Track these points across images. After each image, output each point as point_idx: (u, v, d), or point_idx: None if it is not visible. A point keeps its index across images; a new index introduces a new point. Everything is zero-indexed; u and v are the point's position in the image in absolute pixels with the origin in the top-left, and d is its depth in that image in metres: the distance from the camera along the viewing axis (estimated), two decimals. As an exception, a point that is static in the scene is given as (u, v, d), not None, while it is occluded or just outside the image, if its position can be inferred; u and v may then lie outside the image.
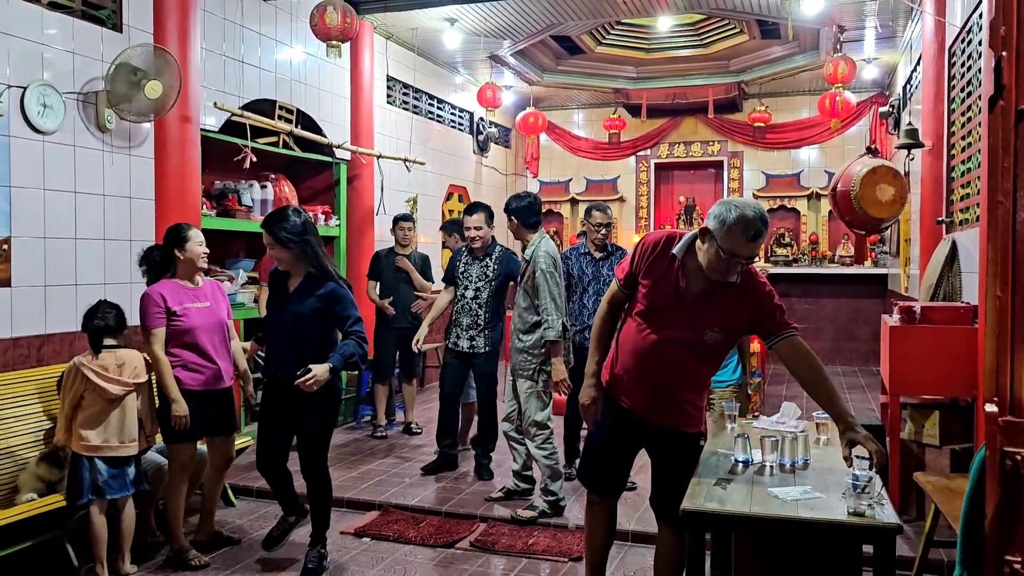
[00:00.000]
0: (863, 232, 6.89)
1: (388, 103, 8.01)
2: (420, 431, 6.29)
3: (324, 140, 6.76)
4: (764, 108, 10.22)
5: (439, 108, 9.21)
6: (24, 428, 3.95)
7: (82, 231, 4.62)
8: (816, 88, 9.99)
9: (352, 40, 6.21)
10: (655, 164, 11.25)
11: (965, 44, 5.00)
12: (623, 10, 7.47)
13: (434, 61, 8.91)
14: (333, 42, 5.78)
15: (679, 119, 10.99)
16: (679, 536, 2.90)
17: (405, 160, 7.83)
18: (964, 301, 4.54)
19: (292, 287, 3.72)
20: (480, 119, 10.06)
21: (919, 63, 6.59)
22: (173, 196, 5.10)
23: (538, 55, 9.50)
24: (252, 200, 6.06)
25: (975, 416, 4.13)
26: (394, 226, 6.31)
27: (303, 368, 3.48)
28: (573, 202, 11.40)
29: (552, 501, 4.45)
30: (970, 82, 4.85)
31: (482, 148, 10.25)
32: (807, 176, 10.55)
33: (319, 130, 6.78)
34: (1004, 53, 1.40)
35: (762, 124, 10.28)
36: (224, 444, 4.06)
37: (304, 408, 3.66)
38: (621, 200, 11.14)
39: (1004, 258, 1.42)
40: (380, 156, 7.43)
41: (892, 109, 8.42)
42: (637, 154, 11.25)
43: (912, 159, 6.40)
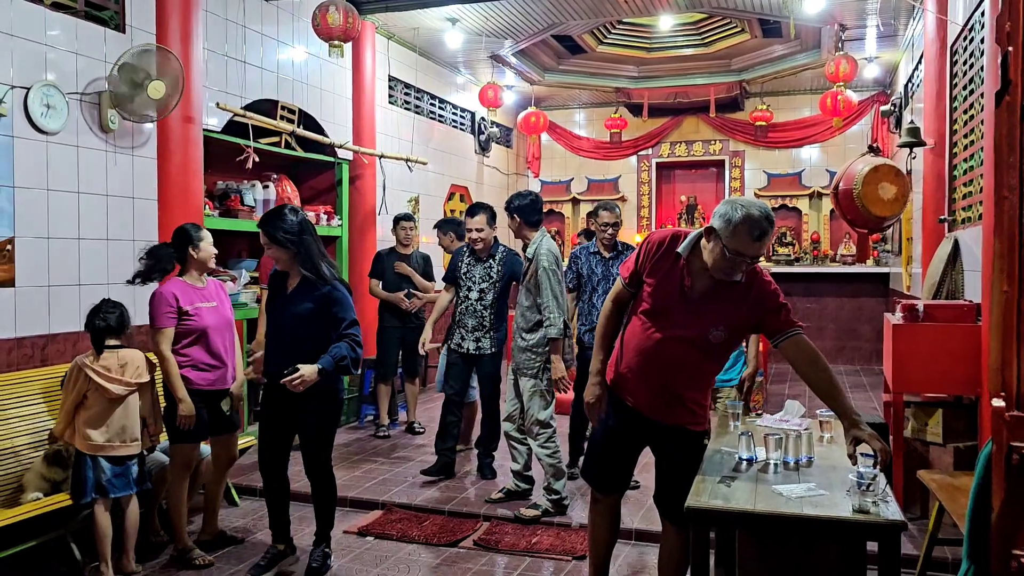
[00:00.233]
0: (865, 231, 6.88)
1: (390, 103, 8.01)
2: (423, 431, 6.29)
3: (326, 140, 6.77)
4: (765, 107, 10.21)
5: (440, 108, 9.21)
6: (28, 428, 3.95)
7: (85, 231, 4.62)
8: (818, 87, 9.99)
9: (354, 40, 6.21)
10: (656, 163, 11.25)
11: (967, 42, 4.99)
12: (624, 9, 7.47)
13: (436, 61, 8.91)
14: (335, 42, 5.78)
15: (680, 118, 10.99)
16: (683, 534, 2.90)
17: (407, 160, 7.83)
18: (967, 299, 4.54)
19: (290, 288, 3.66)
20: (481, 119, 10.05)
21: (921, 61, 6.58)
22: (176, 196, 5.11)
23: (539, 55, 9.50)
24: (254, 200, 6.07)
25: (979, 414, 4.13)
26: (395, 226, 6.31)
27: (291, 367, 3.42)
28: (574, 202, 11.40)
29: (555, 500, 4.45)
30: (972, 80, 4.84)
31: (483, 148, 10.24)
32: (809, 175, 10.55)
33: (321, 130, 6.79)
34: (1010, 48, 1.40)
35: (764, 123, 10.27)
36: (228, 443, 4.08)
37: (304, 409, 3.62)
38: (622, 200, 11.12)
39: (1010, 253, 1.42)
40: (382, 156, 7.44)
41: (894, 108, 8.41)
42: (638, 153, 11.26)
43: (914, 157, 6.40)
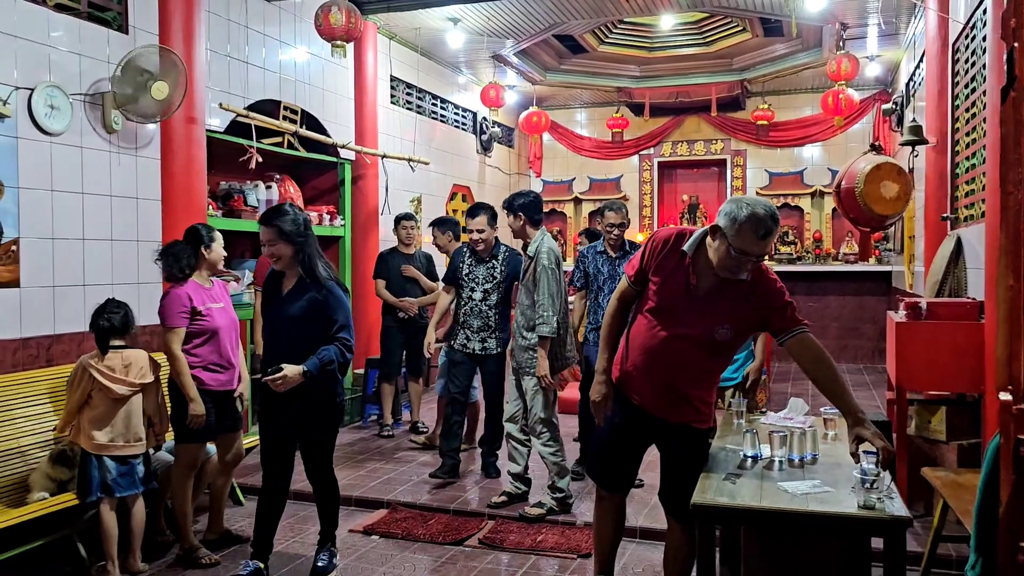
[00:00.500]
0: (867, 229, 6.87)
1: (392, 103, 8.02)
2: (427, 430, 6.29)
3: (328, 140, 6.78)
4: (767, 106, 10.21)
5: (442, 108, 9.21)
6: (34, 428, 3.97)
7: (90, 232, 4.63)
8: (819, 86, 9.99)
9: (356, 40, 6.22)
10: (658, 163, 11.25)
11: (969, 40, 4.99)
12: (626, 9, 7.47)
13: (437, 61, 8.92)
14: (338, 42, 5.79)
15: (682, 118, 11.00)
16: (689, 531, 2.91)
17: (409, 160, 7.83)
18: (970, 297, 4.54)
19: (286, 289, 3.57)
20: (483, 119, 10.06)
21: (922, 60, 6.58)
22: (179, 197, 5.11)
23: (541, 54, 9.51)
24: (258, 200, 6.08)
25: (982, 411, 4.13)
26: (396, 225, 6.32)
27: (275, 367, 3.37)
28: (576, 201, 11.41)
29: (560, 498, 4.45)
30: (974, 78, 4.84)
31: (485, 148, 10.25)
32: (810, 174, 10.56)
33: (323, 130, 6.80)
34: (1016, 44, 1.41)
35: (765, 122, 10.27)
36: (234, 441, 4.08)
37: (303, 414, 3.55)
38: (624, 199, 11.12)
39: (1016, 248, 1.42)
40: (384, 156, 7.45)
41: (895, 106, 8.41)
42: (640, 153, 11.26)
43: (916, 155, 6.40)
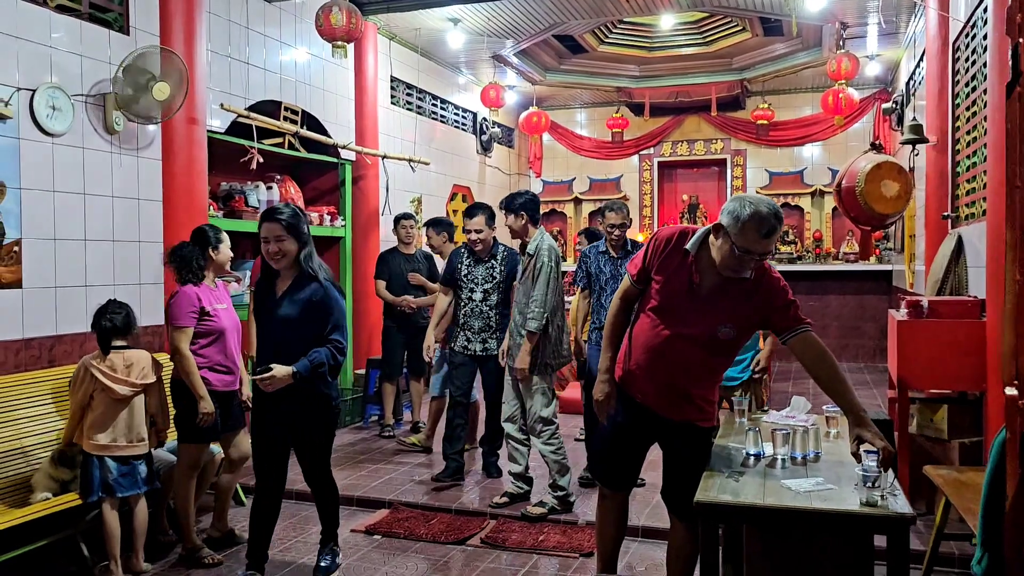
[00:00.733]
0: (868, 228, 6.88)
1: (392, 103, 8.03)
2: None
3: (329, 141, 6.78)
4: (767, 105, 10.22)
5: (442, 108, 9.22)
6: (37, 428, 3.96)
7: (91, 232, 4.63)
8: (819, 85, 10.00)
9: (356, 41, 6.22)
10: (658, 163, 11.26)
11: (969, 39, 5.00)
12: (626, 8, 7.48)
13: (437, 61, 8.92)
14: (338, 43, 5.79)
15: (682, 117, 11.00)
16: (691, 529, 2.91)
17: (409, 160, 7.84)
18: (971, 295, 4.54)
19: (280, 290, 3.47)
20: (483, 119, 10.07)
21: (922, 59, 6.59)
22: (181, 197, 5.12)
23: (541, 54, 9.51)
24: (259, 201, 6.08)
25: (984, 409, 4.14)
26: (395, 225, 6.32)
27: (264, 367, 3.32)
28: (576, 201, 11.41)
29: (561, 497, 4.44)
30: (975, 76, 4.85)
31: (485, 148, 10.26)
32: (810, 173, 10.56)
33: (324, 131, 6.80)
34: (1020, 40, 1.41)
35: (765, 121, 10.28)
36: (238, 440, 4.07)
37: (299, 418, 3.50)
38: (624, 199, 11.12)
39: (1022, 243, 1.43)
40: (384, 156, 7.45)
41: (895, 105, 8.42)
42: (640, 153, 11.27)
43: (916, 154, 6.41)
